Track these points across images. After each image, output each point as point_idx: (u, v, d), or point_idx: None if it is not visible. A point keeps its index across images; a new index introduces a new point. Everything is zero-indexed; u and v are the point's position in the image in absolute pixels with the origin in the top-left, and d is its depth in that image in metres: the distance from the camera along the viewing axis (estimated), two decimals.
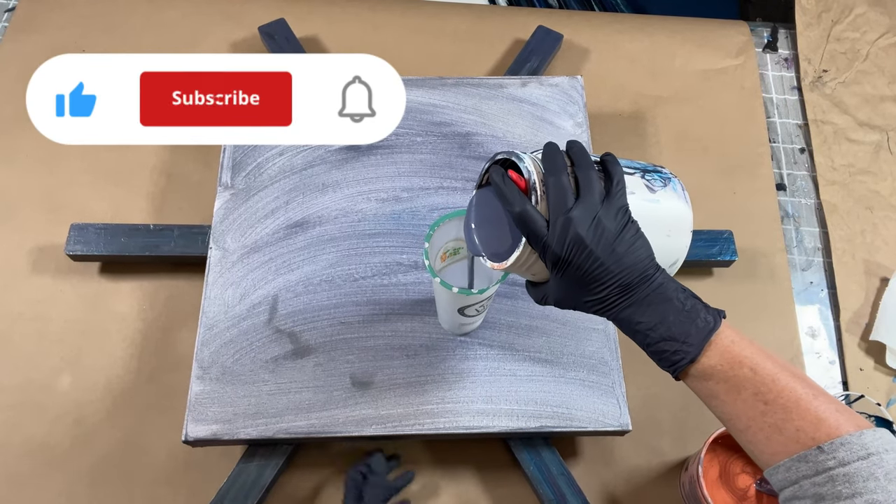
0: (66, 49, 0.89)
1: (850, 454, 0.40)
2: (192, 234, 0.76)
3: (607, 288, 0.45)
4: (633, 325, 0.46)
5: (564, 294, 0.47)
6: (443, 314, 0.68)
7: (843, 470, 0.40)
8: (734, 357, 0.45)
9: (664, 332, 0.45)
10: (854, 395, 0.69)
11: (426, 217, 0.75)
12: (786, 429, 0.42)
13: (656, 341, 0.45)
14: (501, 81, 0.84)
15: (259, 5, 0.95)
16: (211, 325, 0.69)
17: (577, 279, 0.45)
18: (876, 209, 0.88)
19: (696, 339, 0.45)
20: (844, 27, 0.99)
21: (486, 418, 0.67)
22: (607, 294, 0.45)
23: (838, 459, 0.40)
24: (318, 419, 0.66)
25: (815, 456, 0.41)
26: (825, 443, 0.41)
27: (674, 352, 0.45)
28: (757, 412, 0.44)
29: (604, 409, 0.67)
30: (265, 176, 0.77)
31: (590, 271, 0.45)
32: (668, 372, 0.47)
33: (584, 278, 0.45)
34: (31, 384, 0.73)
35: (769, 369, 0.44)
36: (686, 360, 0.45)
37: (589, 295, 0.46)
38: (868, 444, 0.40)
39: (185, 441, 0.65)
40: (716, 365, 0.45)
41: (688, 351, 0.45)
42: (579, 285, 0.46)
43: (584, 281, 0.45)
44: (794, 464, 0.42)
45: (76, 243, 0.76)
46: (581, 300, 0.47)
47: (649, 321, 0.45)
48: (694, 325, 0.45)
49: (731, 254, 0.79)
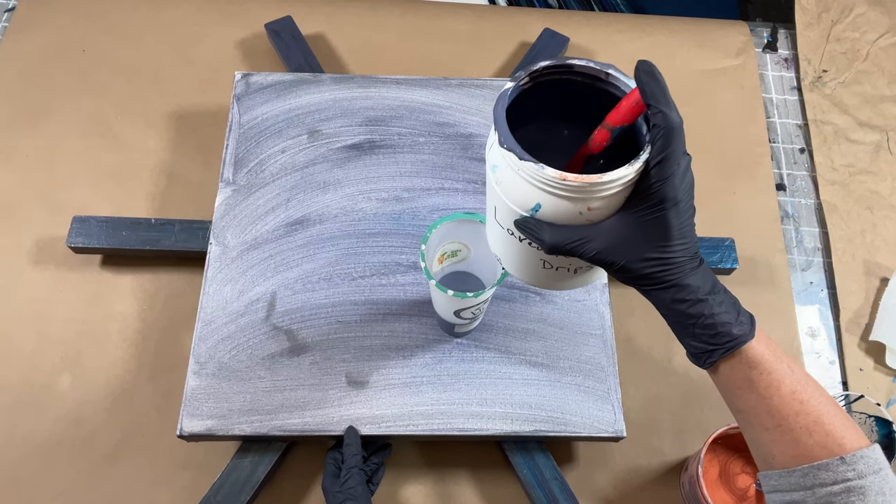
0: (67, 49, 0.91)
1: (867, 467, 0.40)
2: (193, 228, 0.77)
3: (683, 248, 0.40)
4: (697, 295, 0.41)
5: (625, 243, 0.40)
6: (439, 316, 0.68)
7: (860, 483, 0.40)
8: (776, 350, 0.43)
9: (725, 307, 0.42)
10: (854, 395, 0.69)
11: (426, 218, 0.75)
12: (815, 432, 0.41)
13: (718, 314, 0.41)
14: (505, 83, 0.83)
15: (260, 5, 0.95)
16: (209, 321, 0.69)
17: (665, 225, 0.39)
18: (876, 209, 0.88)
19: (746, 318, 0.42)
20: (844, 27, 0.99)
21: (481, 421, 0.67)
22: (680, 255, 0.40)
23: (857, 472, 0.40)
24: (313, 417, 0.66)
25: (837, 466, 0.40)
26: (848, 454, 0.41)
27: (738, 325, 0.42)
28: (792, 411, 0.42)
29: (599, 414, 0.67)
30: (267, 173, 0.77)
31: (683, 221, 0.40)
32: (721, 349, 0.42)
33: (669, 228, 0.39)
34: (31, 384, 0.73)
35: (801, 371, 0.43)
36: (747, 338, 0.42)
37: (661, 252, 0.40)
38: (879, 460, 0.41)
39: (180, 435, 0.65)
40: (764, 353, 0.42)
41: (747, 328, 0.42)
42: (657, 235, 0.40)
43: (670, 230, 0.39)
44: (813, 470, 0.41)
45: (78, 235, 0.76)
46: (644, 255, 0.40)
47: (711, 295, 0.42)
48: (737, 304, 0.43)
49: (733, 262, 0.79)
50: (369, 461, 0.65)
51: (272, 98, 0.81)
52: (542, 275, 0.48)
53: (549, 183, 0.39)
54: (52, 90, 0.88)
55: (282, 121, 0.80)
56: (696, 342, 0.43)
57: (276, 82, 0.82)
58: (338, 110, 0.81)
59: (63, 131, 0.86)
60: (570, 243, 0.41)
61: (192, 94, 0.89)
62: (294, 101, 0.81)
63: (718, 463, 0.67)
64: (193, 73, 0.90)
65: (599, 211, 0.40)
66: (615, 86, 0.42)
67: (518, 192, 0.41)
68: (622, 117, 0.40)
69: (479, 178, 0.78)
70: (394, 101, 0.82)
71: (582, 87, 0.43)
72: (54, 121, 0.86)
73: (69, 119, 0.86)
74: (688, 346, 0.44)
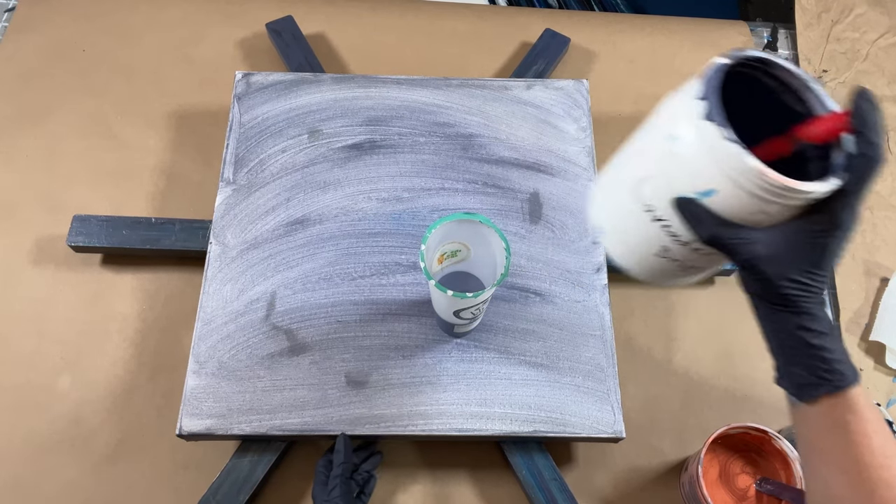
0: (67, 49, 0.91)
1: None
2: (193, 228, 0.77)
3: (825, 277, 0.40)
4: (822, 326, 0.41)
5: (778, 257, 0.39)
6: (439, 316, 0.68)
7: None
8: (872, 402, 0.42)
9: (840, 345, 0.41)
10: None
11: (426, 218, 0.75)
12: (894, 487, 0.40)
13: (836, 349, 0.41)
14: (506, 83, 0.84)
15: (260, 5, 0.95)
16: (208, 320, 0.69)
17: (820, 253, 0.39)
18: (876, 209, 0.88)
19: (851, 362, 0.42)
20: (844, 27, 0.99)
21: (480, 421, 0.66)
22: (821, 284, 0.40)
23: None
24: (312, 417, 0.66)
25: None
26: None
27: (850, 366, 0.41)
28: (877, 463, 0.40)
29: (598, 415, 0.67)
30: (267, 172, 0.77)
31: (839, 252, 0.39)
32: (828, 386, 0.41)
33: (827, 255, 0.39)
34: (31, 384, 0.73)
35: (887, 429, 0.42)
36: (855, 381, 0.41)
37: (807, 277, 0.39)
38: None
39: (179, 435, 0.65)
40: (864, 401, 0.41)
41: (855, 372, 0.41)
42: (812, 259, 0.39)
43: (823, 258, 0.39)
44: None
45: (78, 234, 0.76)
46: (790, 274, 0.39)
47: (831, 331, 0.41)
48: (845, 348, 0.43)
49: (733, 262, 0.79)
50: (360, 470, 0.65)
51: (273, 98, 0.81)
52: (650, 262, 0.45)
53: (742, 172, 0.36)
54: (52, 90, 0.88)
55: (282, 120, 0.80)
56: (805, 373, 0.42)
57: (277, 82, 0.82)
58: (338, 110, 0.81)
59: (63, 131, 0.86)
60: (732, 240, 0.39)
61: (193, 93, 0.89)
62: (294, 100, 0.81)
63: (718, 463, 0.67)
64: (193, 73, 0.90)
65: (770, 217, 0.39)
66: (810, 102, 0.41)
67: (697, 171, 0.38)
68: (818, 135, 0.39)
69: (479, 179, 0.78)
70: (394, 101, 0.82)
71: (768, 90, 0.42)
72: (54, 121, 0.86)
73: (69, 119, 0.87)
74: (792, 375, 0.43)
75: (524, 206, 0.77)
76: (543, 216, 0.76)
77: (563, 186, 0.78)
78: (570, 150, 0.80)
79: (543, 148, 0.80)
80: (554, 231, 0.76)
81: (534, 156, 0.79)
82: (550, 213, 0.76)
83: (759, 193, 0.37)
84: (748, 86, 0.41)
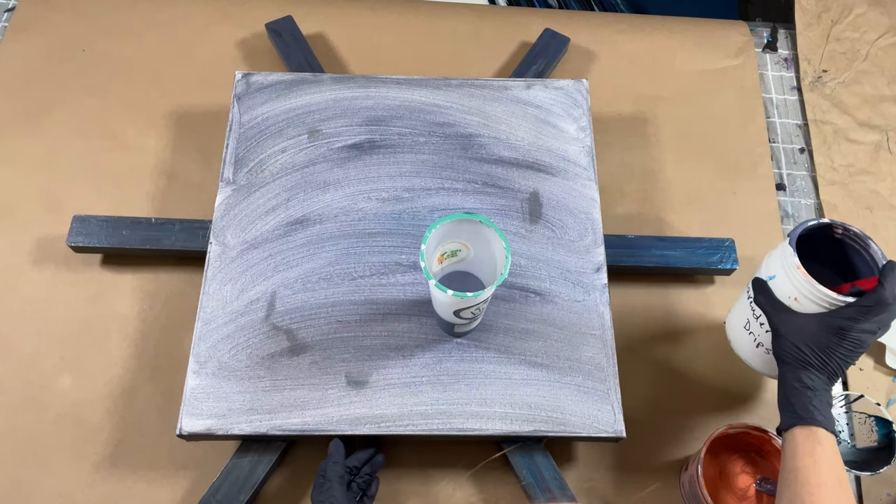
0: (67, 49, 0.91)
1: None
2: (193, 228, 0.77)
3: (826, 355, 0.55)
4: (811, 384, 0.55)
5: (801, 329, 0.56)
6: (439, 316, 0.68)
7: None
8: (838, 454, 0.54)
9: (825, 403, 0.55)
10: (854, 395, 0.69)
11: (426, 218, 0.75)
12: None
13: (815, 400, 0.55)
14: (506, 83, 0.84)
15: (259, 5, 0.95)
16: (209, 320, 0.69)
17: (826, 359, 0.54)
18: (876, 209, 0.88)
19: (830, 419, 0.55)
20: (844, 27, 0.99)
21: (480, 421, 0.66)
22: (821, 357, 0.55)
23: None
24: (313, 417, 0.66)
25: None
26: None
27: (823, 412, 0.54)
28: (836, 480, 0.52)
29: (598, 415, 0.67)
30: (267, 172, 0.77)
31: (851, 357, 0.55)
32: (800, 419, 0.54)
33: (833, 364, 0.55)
34: (31, 384, 0.73)
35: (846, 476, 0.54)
36: (826, 425, 0.54)
37: (816, 345, 0.55)
38: None
39: (180, 435, 0.65)
40: (831, 443, 0.53)
41: (827, 423, 0.54)
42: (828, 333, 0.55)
43: (827, 364, 0.55)
44: None
45: (78, 234, 0.76)
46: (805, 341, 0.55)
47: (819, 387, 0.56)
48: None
49: (733, 262, 0.79)
50: (360, 473, 0.65)
51: (272, 98, 0.81)
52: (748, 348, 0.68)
53: (790, 269, 0.59)
54: (52, 90, 0.88)
55: (282, 120, 0.80)
56: (786, 413, 0.55)
57: (277, 82, 0.82)
58: (338, 110, 0.81)
59: (63, 131, 0.86)
60: (768, 306, 0.59)
61: (193, 93, 0.89)
62: (294, 100, 0.81)
63: (718, 463, 0.67)
64: (193, 73, 0.90)
65: (800, 305, 0.58)
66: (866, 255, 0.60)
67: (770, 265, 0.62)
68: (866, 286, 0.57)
69: (479, 179, 0.78)
70: (394, 101, 0.82)
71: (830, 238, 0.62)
72: (54, 121, 0.86)
73: (69, 119, 0.87)
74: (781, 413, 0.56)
75: (524, 205, 0.77)
76: (543, 216, 0.76)
77: (563, 186, 0.78)
78: (569, 149, 0.80)
79: (543, 148, 0.80)
80: (554, 231, 0.76)
81: (533, 155, 0.79)
82: (550, 212, 0.76)
83: (796, 284, 0.58)
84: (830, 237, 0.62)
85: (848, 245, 0.61)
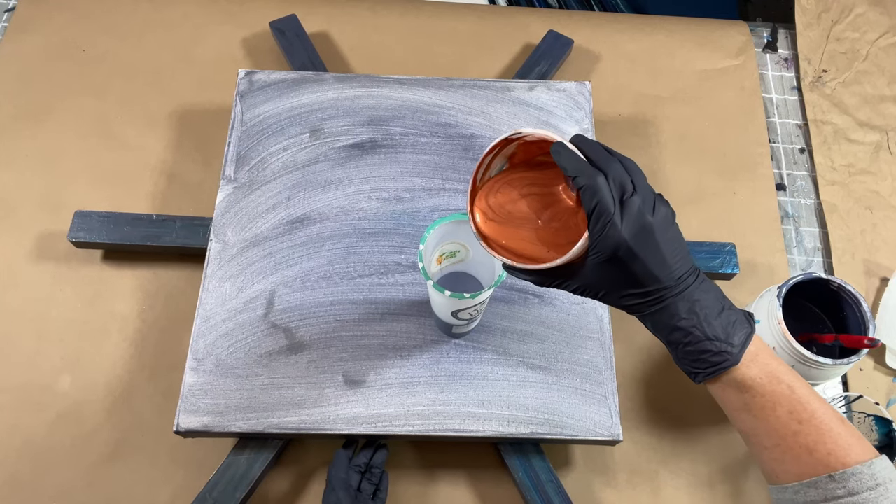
0: (67, 49, 0.91)
1: (860, 484, 0.41)
2: (194, 225, 0.77)
3: (658, 282, 0.42)
4: (675, 322, 0.43)
5: (601, 284, 0.43)
6: (437, 317, 0.68)
7: (850, 500, 0.40)
8: (773, 371, 0.44)
9: (709, 331, 0.43)
10: (853, 395, 0.69)
11: (427, 218, 0.75)
12: (817, 451, 0.42)
13: (699, 339, 0.43)
14: (508, 84, 0.84)
15: (262, 4, 0.95)
16: (207, 318, 0.69)
17: (628, 270, 0.42)
18: (876, 209, 0.88)
19: (738, 340, 0.43)
20: (844, 27, 0.99)
21: (477, 422, 0.66)
22: (656, 288, 0.43)
23: (847, 489, 0.41)
24: (309, 416, 0.66)
25: (826, 483, 0.41)
26: (838, 472, 0.41)
27: (718, 352, 0.43)
28: (790, 431, 0.43)
29: (595, 418, 0.67)
30: (268, 171, 0.77)
31: (648, 262, 0.41)
32: (703, 374, 0.45)
33: (636, 270, 0.42)
34: (31, 384, 0.73)
35: (803, 389, 0.44)
36: (729, 363, 0.43)
37: (634, 288, 0.43)
38: (877, 474, 0.41)
39: (177, 431, 0.65)
40: (755, 377, 0.44)
41: (731, 353, 0.43)
42: (627, 276, 0.42)
43: (635, 273, 0.42)
44: (803, 488, 0.42)
45: (79, 230, 0.76)
46: (622, 292, 0.43)
47: (692, 319, 0.43)
48: (734, 326, 0.44)
49: (734, 266, 0.79)
50: (371, 469, 0.65)
51: (275, 96, 0.81)
52: None
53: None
54: (52, 90, 0.88)
55: (284, 119, 0.80)
56: (681, 364, 0.46)
57: (280, 80, 0.82)
58: (340, 109, 0.81)
59: (63, 131, 0.86)
60: (550, 284, 0.46)
61: (193, 93, 0.89)
62: (297, 99, 0.81)
63: None
64: (194, 73, 0.90)
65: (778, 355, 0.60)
66: (857, 312, 0.68)
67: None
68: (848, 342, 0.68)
69: None
70: (396, 101, 0.82)
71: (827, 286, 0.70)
72: (54, 121, 0.86)
73: (69, 119, 0.87)
74: (680, 367, 0.47)
75: None
76: None
77: None
78: None
79: None
80: None
81: None
82: None
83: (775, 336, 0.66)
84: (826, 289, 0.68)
85: (843, 298, 0.68)
